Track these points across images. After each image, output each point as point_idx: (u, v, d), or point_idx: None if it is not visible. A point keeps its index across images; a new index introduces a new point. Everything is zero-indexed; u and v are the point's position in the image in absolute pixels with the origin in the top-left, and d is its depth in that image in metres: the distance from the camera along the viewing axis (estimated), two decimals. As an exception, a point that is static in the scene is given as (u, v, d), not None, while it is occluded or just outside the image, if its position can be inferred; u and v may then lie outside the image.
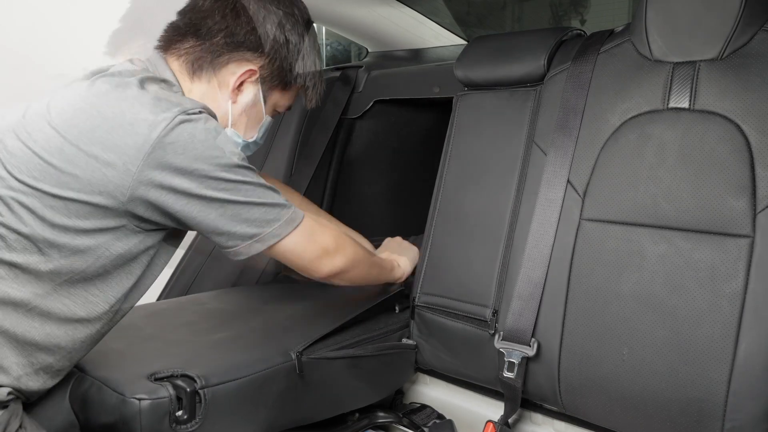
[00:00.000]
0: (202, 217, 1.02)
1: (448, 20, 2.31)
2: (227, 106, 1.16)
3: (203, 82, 1.14)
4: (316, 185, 1.92)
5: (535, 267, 1.24)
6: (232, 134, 1.18)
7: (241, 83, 1.15)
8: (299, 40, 1.19)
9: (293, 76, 1.21)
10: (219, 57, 1.13)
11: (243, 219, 1.04)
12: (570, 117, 1.27)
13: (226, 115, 1.17)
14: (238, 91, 1.16)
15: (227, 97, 1.16)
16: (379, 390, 1.42)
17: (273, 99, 1.22)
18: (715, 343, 1.03)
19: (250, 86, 1.17)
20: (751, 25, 1.10)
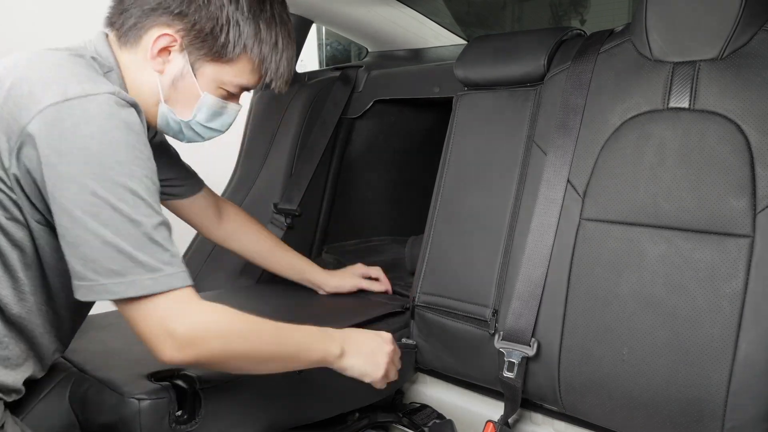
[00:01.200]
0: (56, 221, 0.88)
1: (448, 20, 2.31)
2: (155, 78, 1.06)
3: (131, 51, 1.06)
4: (316, 185, 1.92)
5: (535, 267, 1.24)
6: (167, 111, 1.09)
7: (166, 51, 1.05)
8: (229, 2, 1.05)
9: (220, 44, 1.06)
10: (138, 23, 1.04)
11: (81, 253, 0.86)
12: (570, 117, 1.27)
13: (156, 87, 1.07)
14: (164, 61, 1.06)
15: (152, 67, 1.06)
16: (378, 389, 1.42)
17: (208, 73, 1.08)
18: (715, 343, 1.03)
19: (177, 55, 1.06)
20: (751, 25, 1.10)
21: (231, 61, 1.08)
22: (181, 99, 1.09)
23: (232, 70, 1.09)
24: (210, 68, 1.08)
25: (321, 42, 3.59)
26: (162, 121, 1.11)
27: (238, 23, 1.06)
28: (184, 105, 1.09)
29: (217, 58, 1.07)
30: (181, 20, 1.04)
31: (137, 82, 1.06)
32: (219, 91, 1.11)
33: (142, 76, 1.06)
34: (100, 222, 0.85)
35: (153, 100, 1.08)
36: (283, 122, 1.96)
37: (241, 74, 1.10)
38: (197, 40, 1.05)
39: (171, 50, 1.05)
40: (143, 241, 0.87)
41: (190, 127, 1.12)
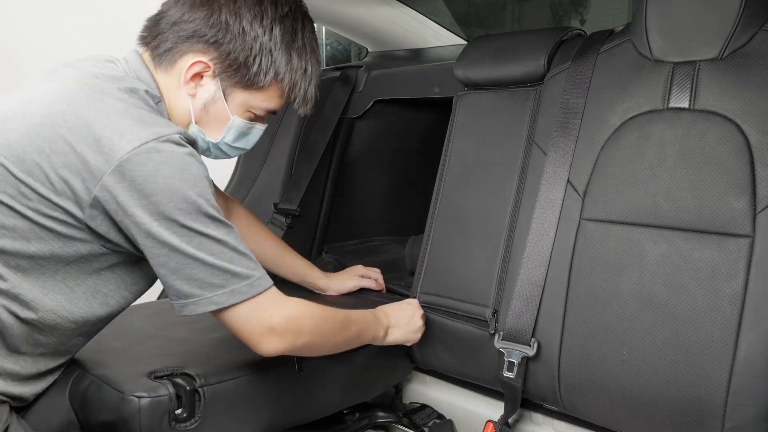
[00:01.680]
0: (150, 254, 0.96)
1: (448, 20, 2.31)
2: (188, 100, 1.11)
3: (165, 73, 1.10)
4: (316, 185, 1.92)
5: (535, 267, 1.24)
6: (197, 132, 1.14)
7: (199, 76, 1.10)
8: (263, 33, 1.09)
9: (253, 73, 1.10)
10: (173, 47, 1.09)
11: (185, 275, 0.96)
12: (570, 117, 1.27)
13: (189, 110, 1.12)
14: (196, 85, 1.10)
15: (185, 91, 1.10)
16: (378, 385, 1.43)
17: (239, 98, 1.13)
18: (715, 343, 1.03)
19: (209, 80, 1.10)
20: (751, 25, 1.10)
21: (262, 89, 1.13)
22: (212, 121, 1.14)
23: (262, 96, 1.14)
24: (240, 94, 1.12)
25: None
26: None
27: (271, 53, 1.11)
28: (214, 127, 1.14)
29: (249, 86, 1.12)
30: (216, 49, 1.08)
31: (172, 102, 1.11)
32: (247, 114, 1.15)
33: (176, 97, 1.11)
34: (195, 247, 0.96)
35: (185, 121, 1.12)
36: (283, 122, 1.96)
37: (270, 100, 1.15)
38: (230, 69, 1.10)
39: (204, 75, 1.10)
40: (232, 255, 0.99)
41: (218, 147, 1.17)
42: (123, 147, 0.93)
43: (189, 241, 0.95)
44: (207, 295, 0.98)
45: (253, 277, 1.01)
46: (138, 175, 0.93)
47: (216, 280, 0.98)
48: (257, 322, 1.03)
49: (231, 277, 0.98)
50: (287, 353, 1.08)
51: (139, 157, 0.93)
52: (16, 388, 1.01)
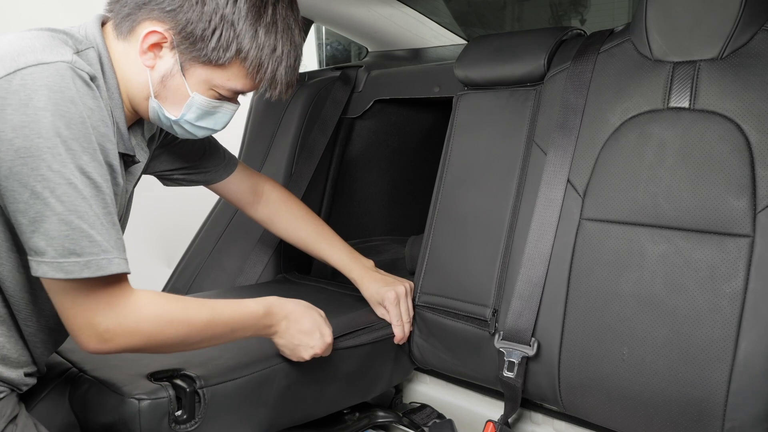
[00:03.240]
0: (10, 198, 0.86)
1: (448, 20, 2.31)
2: (146, 72, 1.03)
3: (125, 41, 1.02)
4: (316, 185, 1.92)
5: (535, 267, 1.24)
6: (157, 107, 1.05)
7: (158, 47, 1.01)
8: (226, 4, 0.99)
9: (209, 49, 1.00)
10: (131, 14, 1.01)
11: (42, 228, 0.85)
12: (570, 117, 1.27)
13: (147, 82, 1.03)
14: (155, 56, 1.02)
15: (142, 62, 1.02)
16: (378, 385, 1.42)
17: (199, 74, 1.03)
18: (715, 343, 1.03)
19: (168, 52, 1.02)
20: (751, 24, 1.10)
21: (222, 66, 1.03)
22: (170, 97, 1.05)
23: (225, 75, 1.04)
24: (200, 70, 1.03)
25: (321, 42, 3.59)
26: (153, 116, 1.08)
27: (233, 26, 1.00)
28: (173, 103, 1.06)
29: (207, 62, 1.02)
30: (173, 18, 0.99)
31: (130, 72, 1.03)
32: (210, 92, 1.06)
33: (134, 67, 1.03)
34: (57, 198, 0.84)
35: (144, 94, 1.05)
36: (283, 122, 1.96)
37: (235, 79, 1.05)
38: (186, 41, 1.01)
39: (162, 46, 1.02)
40: (82, 220, 0.86)
41: (180, 125, 1.09)
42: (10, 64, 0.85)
43: (52, 188, 0.84)
44: (59, 259, 0.85)
45: (95, 255, 0.87)
46: (8, 104, 0.84)
47: (71, 244, 0.86)
48: (82, 316, 0.90)
49: (89, 245, 0.86)
50: (123, 352, 0.96)
51: (12, 83, 0.84)
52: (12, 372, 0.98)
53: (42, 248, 0.86)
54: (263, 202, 1.47)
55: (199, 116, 1.08)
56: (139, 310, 0.94)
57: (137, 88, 1.04)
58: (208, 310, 1.04)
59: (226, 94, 1.07)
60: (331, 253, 1.48)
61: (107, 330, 0.91)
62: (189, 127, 1.09)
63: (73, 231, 0.86)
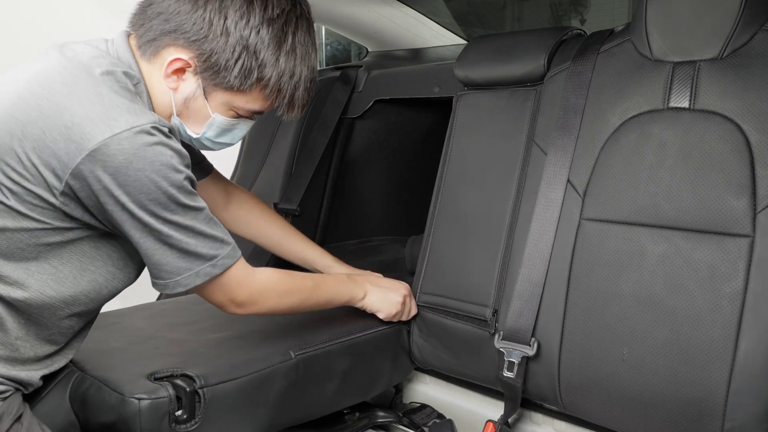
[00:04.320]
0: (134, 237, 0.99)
1: (448, 20, 2.31)
2: (169, 93, 1.09)
3: (149, 61, 1.08)
4: (316, 185, 1.92)
5: (535, 267, 1.24)
6: (179, 124, 1.12)
7: (181, 71, 1.07)
8: (249, 35, 1.05)
9: (233, 76, 1.06)
10: (156, 39, 1.06)
11: (154, 260, 1.01)
12: (570, 117, 1.27)
13: (170, 101, 1.09)
14: (178, 79, 1.07)
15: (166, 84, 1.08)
16: (378, 385, 1.42)
17: (220, 98, 1.10)
18: (715, 343, 1.03)
19: (191, 76, 1.07)
20: (751, 24, 1.10)
21: (244, 92, 1.09)
22: (192, 117, 1.12)
23: (245, 98, 1.11)
24: (222, 95, 1.09)
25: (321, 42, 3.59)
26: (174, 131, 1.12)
27: (256, 55, 1.06)
28: (195, 122, 1.13)
29: (229, 88, 1.08)
30: (198, 48, 1.05)
31: (155, 91, 1.09)
32: (230, 113, 1.13)
33: (159, 86, 1.09)
34: (163, 237, 0.99)
35: (167, 112, 1.11)
36: (283, 122, 1.96)
37: (254, 102, 1.12)
38: (210, 70, 1.06)
39: (186, 71, 1.07)
40: (199, 238, 1.02)
41: (200, 142, 1.16)
42: (94, 136, 0.92)
43: (158, 230, 0.98)
44: (175, 278, 1.02)
45: (218, 256, 1.05)
46: (110, 166, 0.92)
47: (183, 263, 1.02)
48: (222, 295, 1.11)
49: (195, 259, 1.03)
50: (262, 312, 1.19)
51: (110, 148, 0.92)
52: (20, 372, 1.02)
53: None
54: (234, 203, 1.49)
55: (219, 134, 1.15)
56: (261, 284, 1.16)
57: (161, 106, 1.10)
58: (311, 278, 1.31)
59: (244, 114, 1.14)
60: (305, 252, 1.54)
61: (244, 302, 1.14)
62: (208, 143, 1.17)
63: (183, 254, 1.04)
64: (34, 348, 1.03)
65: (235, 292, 1.11)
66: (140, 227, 0.97)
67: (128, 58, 1.07)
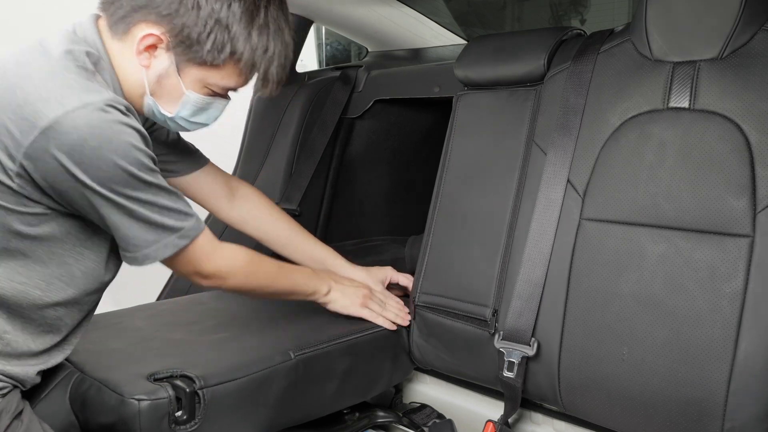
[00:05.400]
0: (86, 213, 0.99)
1: (448, 20, 2.31)
2: (141, 71, 1.07)
3: (120, 41, 1.06)
4: (316, 185, 1.92)
5: (535, 267, 1.24)
6: (152, 104, 1.10)
7: (153, 47, 1.05)
8: (220, 9, 1.03)
9: (206, 50, 1.05)
10: (127, 16, 1.04)
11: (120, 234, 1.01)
12: (570, 117, 1.27)
13: (143, 80, 1.08)
14: (150, 56, 1.06)
15: (138, 61, 1.06)
16: (377, 385, 1.42)
17: (194, 74, 1.08)
18: (715, 343, 1.03)
19: (163, 53, 1.06)
20: (751, 24, 1.10)
21: (217, 67, 1.08)
22: (166, 95, 1.10)
23: (219, 74, 1.09)
24: (195, 70, 1.08)
25: (321, 42, 3.59)
26: (148, 111, 1.12)
27: (228, 29, 1.05)
28: (168, 100, 1.11)
29: (203, 64, 1.07)
30: (169, 22, 1.03)
31: (127, 71, 1.07)
32: (204, 90, 1.11)
33: (131, 66, 1.07)
34: (127, 212, 0.99)
35: (140, 91, 1.09)
36: (283, 122, 1.96)
37: (228, 78, 1.10)
38: (183, 45, 1.05)
39: (158, 47, 1.05)
40: (164, 212, 1.03)
41: (175, 121, 1.14)
42: (46, 114, 0.91)
43: (122, 205, 0.98)
44: (144, 250, 1.03)
45: (183, 228, 1.06)
46: (64, 144, 0.91)
47: (150, 236, 1.03)
48: (190, 267, 1.12)
49: (162, 231, 1.04)
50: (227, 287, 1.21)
51: (63, 125, 0.91)
52: (16, 368, 1.01)
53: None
54: (240, 199, 1.45)
55: (193, 113, 1.13)
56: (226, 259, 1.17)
57: (133, 85, 1.08)
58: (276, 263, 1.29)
59: (219, 91, 1.12)
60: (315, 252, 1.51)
61: (210, 274, 1.15)
62: (183, 123, 1.15)
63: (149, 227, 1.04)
64: (27, 342, 1.02)
65: (202, 264, 1.13)
66: (103, 202, 0.97)
67: (94, 38, 1.05)
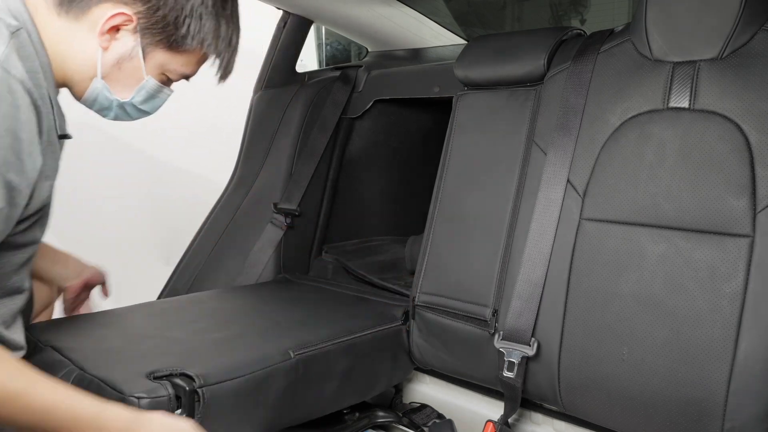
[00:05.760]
0: None
1: (448, 20, 2.31)
2: (96, 53, 1.02)
3: (70, 18, 1.01)
4: (316, 185, 1.92)
5: (535, 267, 1.24)
6: (101, 87, 1.06)
7: (116, 29, 1.02)
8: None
9: (180, 35, 1.05)
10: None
11: None
12: (570, 117, 1.27)
13: (94, 62, 1.03)
14: (111, 38, 1.02)
15: (96, 42, 1.02)
16: (377, 385, 1.42)
17: (157, 58, 1.07)
18: (715, 343, 1.03)
19: (128, 35, 1.03)
20: (751, 24, 1.10)
21: (184, 52, 1.08)
22: (123, 79, 1.07)
23: (182, 60, 1.09)
24: (161, 54, 1.07)
25: (321, 42, 3.59)
26: (91, 96, 1.08)
27: (201, 17, 1.06)
28: (124, 85, 1.08)
29: (171, 47, 1.07)
30: (144, 3, 1.02)
31: (70, 51, 1.03)
32: (161, 76, 1.10)
33: (79, 46, 1.02)
34: None
35: (87, 74, 1.05)
36: (283, 122, 1.96)
37: (188, 64, 1.11)
38: (156, 27, 1.04)
39: (122, 29, 1.03)
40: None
41: (123, 108, 1.11)
42: None
43: None
44: None
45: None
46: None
47: None
48: None
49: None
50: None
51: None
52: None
53: None
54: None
55: (145, 99, 1.12)
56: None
57: (80, 67, 1.04)
58: (40, 398, 0.89)
59: (175, 77, 1.12)
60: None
61: None
62: (131, 110, 1.12)
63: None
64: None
65: None
66: None
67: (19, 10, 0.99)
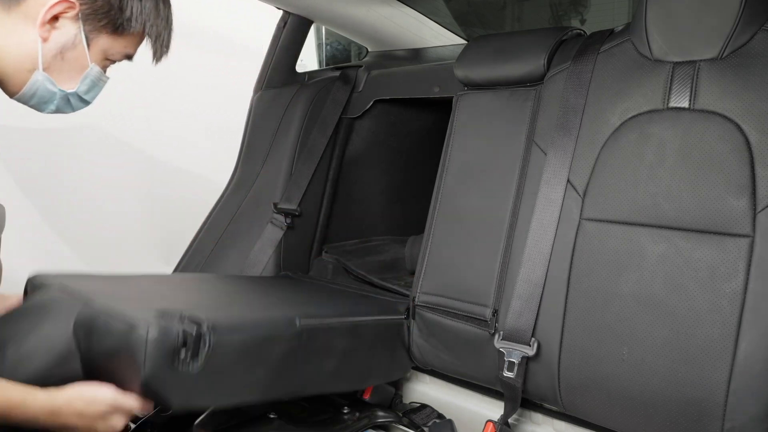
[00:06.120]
0: None
1: (448, 20, 2.31)
2: (35, 45, 0.99)
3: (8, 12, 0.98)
4: (316, 185, 1.92)
5: (535, 267, 1.24)
6: (44, 80, 1.03)
7: (55, 18, 0.99)
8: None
9: (125, 18, 1.04)
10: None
11: None
12: (570, 116, 1.27)
13: (34, 55, 1.00)
14: (51, 28, 0.99)
15: (35, 34, 0.99)
16: (375, 375, 1.43)
17: (101, 44, 1.05)
18: (715, 342, 1.03)
19: (69, 23, 1.01)
20: (751, 24, 1.10)
21: (126, 35, 1.08)
22: (66, 69, 1.05)
23: (124, 42, 1.09)
24: (104, 40, 1.06)
25: (321, 42, 3.59)
26: (30, 90, 1.05)
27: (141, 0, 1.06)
28: (68, 75, 1.06)
29: (115, 31, 1.06)
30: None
31: (3, 44, 1.00)
32: (104, 62, 1.10)
33: (14, 38, 0.99)
34: None
35: (26, 66, 1.02)
36: (283, 122, 1.96)
37: (131, 45, 1.11)
38: (100, 12, 1.02)
39: (61, 17, 1.01)
40: None
41: (67, 99, 1.09)
42: None
43: None
44: None
45: None
46: None
47: None
48: None
49: None
50: None
51: None
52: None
53: None
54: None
55: (89, 88, 1.10)
56: None
57: (16, 60, 1.01)
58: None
59: (118, 59, 1.11)
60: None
61: None
62: (74, 101, 1.10)
63: None
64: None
65: None
66: None
67: None
